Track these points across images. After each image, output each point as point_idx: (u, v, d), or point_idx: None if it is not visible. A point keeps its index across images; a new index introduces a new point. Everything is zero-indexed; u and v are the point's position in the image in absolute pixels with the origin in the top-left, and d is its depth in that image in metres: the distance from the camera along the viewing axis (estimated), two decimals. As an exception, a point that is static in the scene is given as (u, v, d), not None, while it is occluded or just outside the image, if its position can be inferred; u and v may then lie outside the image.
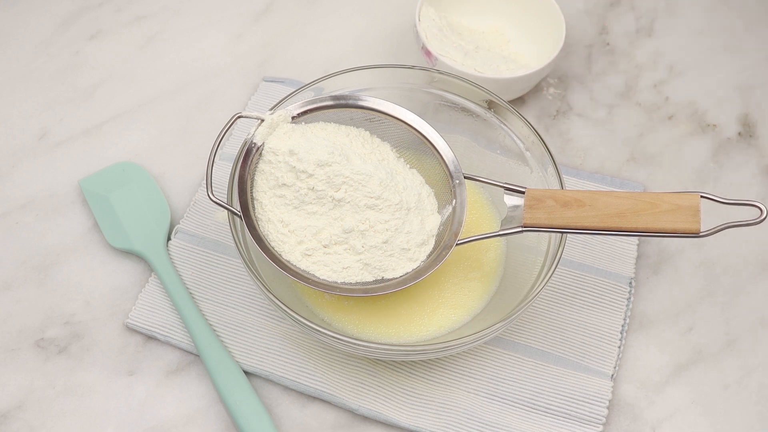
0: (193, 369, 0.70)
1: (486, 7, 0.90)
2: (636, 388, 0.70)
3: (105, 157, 0.81)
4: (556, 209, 0.62)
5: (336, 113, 0.69)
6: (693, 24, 0.94)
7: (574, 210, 0.62)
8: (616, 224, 0.60)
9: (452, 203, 0.68)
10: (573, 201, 0.62)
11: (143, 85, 0.87)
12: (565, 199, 0.62)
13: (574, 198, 0.62)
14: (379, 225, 0.66)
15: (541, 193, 0.63)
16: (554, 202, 0.63)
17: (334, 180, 0.65)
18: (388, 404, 0.68)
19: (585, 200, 0.62)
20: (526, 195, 0.64)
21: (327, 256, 0.66)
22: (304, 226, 0.66)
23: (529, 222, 0.63)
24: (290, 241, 0.66)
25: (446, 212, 0.68)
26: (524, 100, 0.87)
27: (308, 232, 0.66)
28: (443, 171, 0.69)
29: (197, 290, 0.73)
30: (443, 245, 0.67)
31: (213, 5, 0.93)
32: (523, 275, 0.69)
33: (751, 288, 0.75)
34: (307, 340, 0.70)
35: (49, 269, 0.75)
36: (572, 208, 0.62)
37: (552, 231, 0.63)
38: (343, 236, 0.66)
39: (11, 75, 0.87)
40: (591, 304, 0.73)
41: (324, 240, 0.66)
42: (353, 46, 0.91)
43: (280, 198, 0.66)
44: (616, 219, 0.60)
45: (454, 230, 0.67)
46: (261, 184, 0.67)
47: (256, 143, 0.67)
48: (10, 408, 0.68)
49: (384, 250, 0.66)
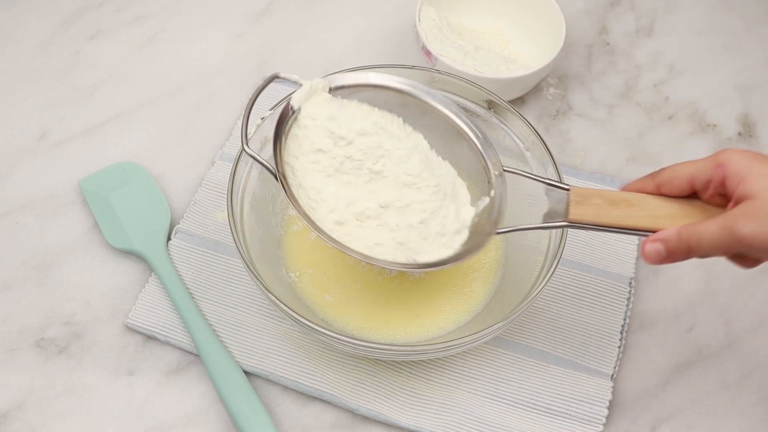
0: (193, 369, 0.70)
1: (486, 7, 0.90)
2: (636, 388, 0.70)
3: (105, 157, 0.81)
4: (603, 207, 0.61)
5: (372, 93, 0.67)
6: (693, 24, 0.94)
7: (623, 209, 0.60)
8: (666, 226, 0.58)
9: (490, 194, 0.66)
10: (621, 200, 0.61)
11: (143, 85, 0.87)
12: (612, 198, 0.61)
13: (621, 198, 0.61)
14: (416, 204, 0.64)
15: (587, 191, 0.62)
16: (601, 200, 0.61)
17: (374, 151, 0.63)
18: (388, 404, 0.68)
19: (633, 200, 0.60)
20: (572, 191, 0.62)
21: (359, 230, 0.64)
22: (337, 195, 0.64)
23: (575, 218, 0.61)
24: (321, 209, 0.64)
25: (482, 204, 0.66)
26: (524, 100, 0.87)
27: (341, 202, 0.64)
28: (479, 162, 0.67)
29: (197, 290, 0.73)
30: (483, 233, 0.65)
31: (213, 5, 0.94)
32: (523, 275, 0.69)
33: (751, 288, 0.75)
34: (307, 340, 0.70)
35: (49, 269, 0.75)
36: (620, 208, 0.60)
37: (599, 229, 0.61)
38: (378, 211, 0.64)
39: (11, 75, 0.87)
40: (591, 304, 0.73)
41: (357, 212, 0.64)
42: (353, 46, 0.91)
43: (314, 164, 0.64)
44: (667, 220, 0.59)
45: (494, 219, 0.65)
46: (293, 148, 0.65)
47: (292, 106, 0.65)
48: (10, 408, 0.68)
49: (419, 231, 0.64)
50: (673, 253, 0.57)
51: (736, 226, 0.54)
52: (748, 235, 0.54)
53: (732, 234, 0.54)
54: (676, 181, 0.59)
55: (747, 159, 0.56)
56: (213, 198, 0.78)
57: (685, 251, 0.57)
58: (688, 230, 0.56)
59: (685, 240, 0.56)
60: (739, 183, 0.56)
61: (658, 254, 0.57)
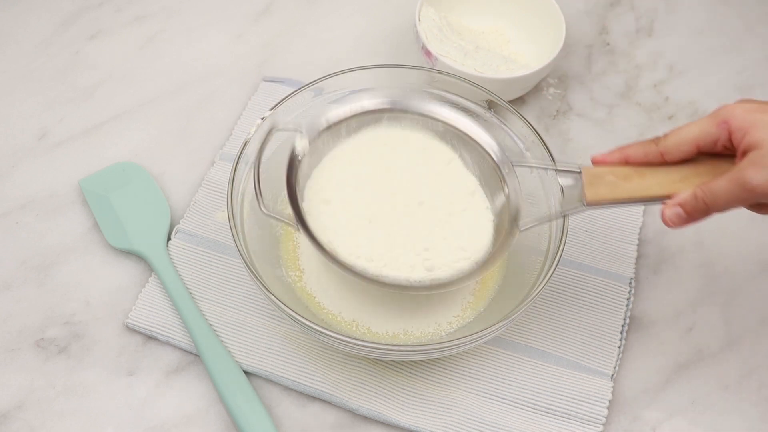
0: (193, 369, 0.70)
1: (486, 7, 0.90)
2: (636, 388, 0.70)
3: (105, 157, 0.81)
4: (617, 183, 0.61)
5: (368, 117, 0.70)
6: (693, 24, 0.94)
7: (636, 181, 0.61)
8: (681, 189, 0.59)
9: (504, 191, 0.67)
10: (633, 173, 0.61)
11: (143, 85, 0.87)
12: (624, 173, 0.62)
13: (633, 170, 0.61)
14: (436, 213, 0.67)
15: (599, 170, 0.62)
16: (614, 176, 0.62)
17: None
18: (388, 404, 0.68)
19: (645, 172, 0.61)
20: (583, 173, 0.63)
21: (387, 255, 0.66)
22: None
23: (591, 198, 0.62)
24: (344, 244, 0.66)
25: (499, 202, 0.67)
26: (524, 100, 0.87)
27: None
28: (488, 161, 0.68)
29: (197, 290, 0.73)
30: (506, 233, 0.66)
31: (213, 5, 0.93)
32: (523, 275, 0.69)
33: (751, 288, 0.75)
34: (307, 340, 0.70)
35: (49, 269, 0.75)
36: (633, 180, 0.61)
37: (618, 205, 0.62)
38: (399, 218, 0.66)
39: (11, 75, 0.87)
40: (591, 304, 0.73)
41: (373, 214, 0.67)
42: (353, 46, 0.91)
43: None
44: (681, 184, 0.60)
45: (513, 215, 0.66)
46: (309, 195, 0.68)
47: (297, 155, 0.67)
48: (10, 408, 0.68)
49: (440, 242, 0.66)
50: (692, 213, 0.59)
51: (747, 177, 0.56)
52: (759, 185, 0.55)
53: (743, 185, 0.56)
54: (682, 146, 0.60)
55: (749, 111, 0.58)
56: (213, 198, 0.78)
57: (703, 210, 0.58)
58: (702, 190, 0.58)
59: (701, 199, 0.58)
60: (744, 135, 0.57)
61: (679, 217, 0.59)
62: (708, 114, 0.60)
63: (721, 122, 0.58)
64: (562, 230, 0.66)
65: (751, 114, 0.57)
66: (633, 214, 0.78)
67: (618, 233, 0.77)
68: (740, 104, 0.59)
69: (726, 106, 0.59)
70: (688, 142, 0.60)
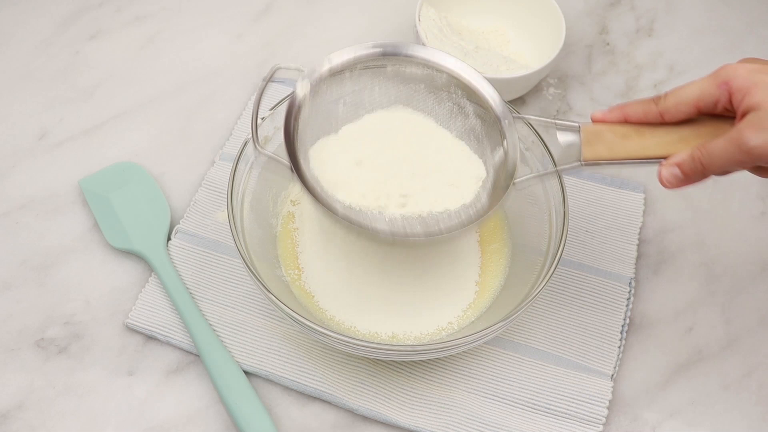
0: (193, 369, 0.70)
1: (486, 7, 0.90)
2: (636, 388, 0.70)
3: (105, 157, 0.81)
4: (615, 142, 0.60)
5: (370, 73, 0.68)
6: (693, 24, 0.94)
7: (635, 140, 0.60)
8: (679, 150, 0.59)
9: (503, 144, 0.66)
10: (632, 132, 0.60)
11: (143, 85, 0.87)
12: (623, 131, 0.61)
13: (633, 129, 0.61)
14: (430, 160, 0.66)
15: (598, 128, 0.61)
16: (613, 135, 0.61)
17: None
18: (388, 404, 0.68)
19: (644, 131, 0.60)
20: (582, 130, 0.62)
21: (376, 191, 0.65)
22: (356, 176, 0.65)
23: (589, 156, 0.61)
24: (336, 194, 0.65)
25: (497, 156, 0.66)
26: (524, 100, 0.87)
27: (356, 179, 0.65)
28: (489, 114, 0.67)
29: (197, 290, 0.73)
30: (500, 186, 0.65)
31: (213, 5, 0.94)
32: (523, 275, 0.69)
33: (751, 288, 0.75)
34: (307, 340, 0.70)
35: (49, 269, 0.75)
36: (632, 139, 0.60)
37: (615, 164, 0.61)
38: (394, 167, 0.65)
39: (11, 75, 0.87)
40: (591, 304, 0.73)
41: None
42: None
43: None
44: (679, 144, 0.59)
45: (509, 171, 0.65)
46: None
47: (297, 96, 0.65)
48: (10, 408, 0.68)
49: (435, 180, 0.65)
50: (689, 174, 0.58)
51: (744, 139, 0.55)
52: (757, 146, 0.54)
53: (741, 147, 0.55)
54: (682, 106, 0.59)
55: (750, 71, 0.57)
56: (213, 198, 0.78)
57: (700, 171, 0.57)
58: (700, 150, 0.57)
59: (698, 159, 0.57)
60: (744, 96, 0.56)
61: (676, 177, 0.58)
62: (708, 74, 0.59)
63: (721, 83, 0.57)
64: (562, 230, 0.66)
65: (752, 74, 0.56)
66: (633, 214, 0.78)
67: (618, 233, 0.77)
68: (742, 64, 0.58)
69: (727, 66, 0.58)
70: (688, 103, 0.59)
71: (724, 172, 0.58)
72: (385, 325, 0.70)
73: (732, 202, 0.80)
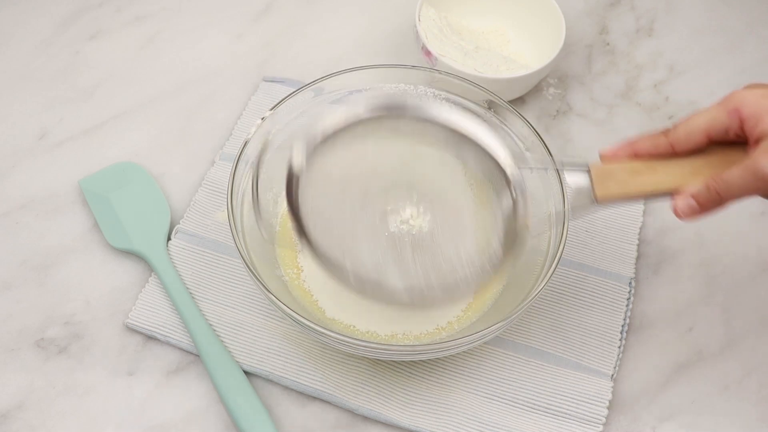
0: (193, 369, 0.70)
1: (486, 7, 0.90)
2: (636, 388, 0.70)
3: (105, 157, 0.81)
4: (628, 179, 0.60)
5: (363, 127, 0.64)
6: (693, 24, 0.94)
7: (647, 176, 0.59)
8: (693, 181, 0.58)
9: (511, 191, 0.63)
10: (643, 168, 0.60)
11: (143, 85, 0.87)
12: (634, 168, 0.60)
13: (643, 165, 0.60)
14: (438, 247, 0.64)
15: (607, 168, 0.61)
16: (624, 172, 0.60)
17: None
18: (388, 404, 0.68)
19: (656, 165, 0.60)
20: (592, 171, 0.61)
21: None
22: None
23: (602, 195, 0.60)
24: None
25: (506, 204, 0.63)
26: (524, 100, 0.87)
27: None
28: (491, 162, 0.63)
29: (197, 290, 0.73)
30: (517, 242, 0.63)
31: (213, 5, 0.94)
32: (523, 275, 0.69)
33: (751, 288, 0.75)
34: (307, 340, 0.70)
35: (49, 269, 0.75)
36: (644, 175, 0.60)
37: (630, 202, 0.60)
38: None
39: (11, 75, 0.87)
40: (591, 304, 0.73)
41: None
42: (353, 46, 0.91)
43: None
44: (692, 177, 0.58)
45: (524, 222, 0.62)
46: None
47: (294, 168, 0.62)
48: (10, 408, 0.68)
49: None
50: (705, 204, 0.58)
51: (760, 166, 0.55)
52: None
53: (756, 174, 0.55)
54: (693, 136, 0.59)
55: (760, 97, 0.56)
56: (213, 198, 0.78)
57: (717, 200, 0.57)
58: (715, 180, 0.57)
59: (714, 190, 0.57)
60: (757, 123, 0.56)
61: (692, 208, 0.58)
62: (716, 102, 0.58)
63: (732, 110, 0.57)
64: (562, 230, 0.66)
65: (762, 100, 0.56)
66: (633, 214, 0.78)
67: (618, 233, 0.77)
68: (750, 90, 0.57)
69: (736, 93, 0.57)
70: (698, 132, 0.58)
71: (739, 200, 0.57)
72: (385, 325, 0.70)
73: (732, 202, 0.80)
